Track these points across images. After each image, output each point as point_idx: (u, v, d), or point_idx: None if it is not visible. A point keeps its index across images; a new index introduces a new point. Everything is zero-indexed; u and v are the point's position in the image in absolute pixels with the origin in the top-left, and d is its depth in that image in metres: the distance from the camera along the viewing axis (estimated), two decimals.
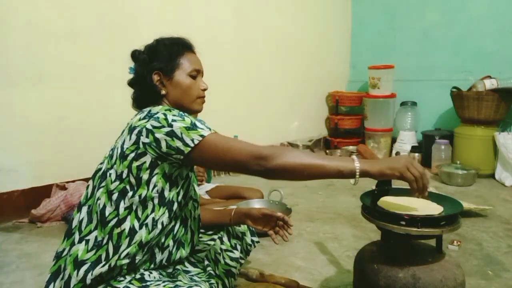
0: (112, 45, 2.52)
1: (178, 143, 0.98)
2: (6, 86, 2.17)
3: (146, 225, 1.02)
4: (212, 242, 1.32)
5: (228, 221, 1.34)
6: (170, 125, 0.99)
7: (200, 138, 0.98)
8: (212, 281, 1.25)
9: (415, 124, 3.87)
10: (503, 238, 2.03)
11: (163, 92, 1.13)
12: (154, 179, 1.02)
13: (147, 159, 1.01)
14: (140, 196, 1.02)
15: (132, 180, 1.01)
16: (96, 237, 1.03)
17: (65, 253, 1.04)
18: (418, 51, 4.04)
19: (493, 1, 3.56)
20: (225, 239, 1.35)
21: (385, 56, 4.16)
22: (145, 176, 1.01)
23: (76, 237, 1.05)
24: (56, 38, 2.30)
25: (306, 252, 1.87)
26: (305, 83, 4.12)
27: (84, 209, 1.07)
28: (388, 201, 1.20)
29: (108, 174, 1.04)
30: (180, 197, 1.09)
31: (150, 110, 1.04)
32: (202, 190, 2.13)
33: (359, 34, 4.55)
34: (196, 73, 1.17)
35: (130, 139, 1.02)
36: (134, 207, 1.02)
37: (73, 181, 2.36)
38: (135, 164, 1.01)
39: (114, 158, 1.04)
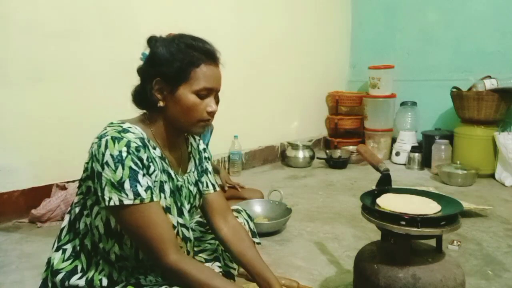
0: (112, 45, 2.52)
1: (99, 192, 0.89)
2: (6, 85, 2.17)
3: (103, 249, 0.98)
4: (213, 241, 1.29)
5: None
6: (102, 167, 0.88)
7: (117, 203, 0.87)
8: None
9: (415, 124, 3.87)
10: (503, 238, 2.03)
11: (161, 104, 0.97)
12: (97, 207, 0.96)
13: (91, 184, 0.94)
14: (90, 218, 0.98)
15: (85, 200, 0.98)
16: (74, 247, 1.00)
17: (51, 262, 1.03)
18: (418, 51, 4.04)
19: (493, 1, 3.56)
20: None
21: (385, 56, 4.16)
22: (89, 201, 0.96)
23: (55, 244, 1.03)
24: (56, 38, 2.30)
25: (306, 252, 1.87)
26: (305, 83, 4.12)
27: (67, 218, 1.04)
28: (386, 200, 1.20)
29: (78, 185, 1.01)
30: None
31: (105, 131, 0.94)
32: None
33: (359, 34, 4.55)
34: (206, 93, 0.97)
35: (88, 157, 0.95)
36: (88, 228, 0.99)
37: (73, 181, 2.36)
38: (84, 184, 0.97)
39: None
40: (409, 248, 1.14)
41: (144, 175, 0.91)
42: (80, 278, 0.98)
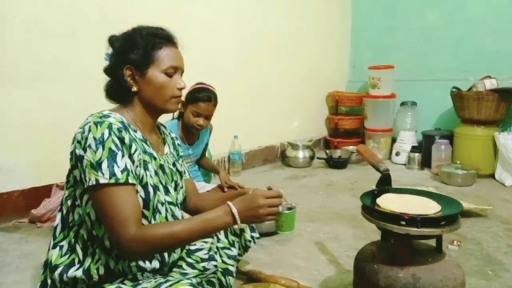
0: None
1: (82, 174, 0.94)
2: (6, 85, 2.17)
3: (97, 236, 1.00)
4: (209, 239, 1.31)
5: None
6: (84, 150, 0.93)
7: (94, 183, 0.91)
8: (213, 280, 1.24)
9: (415, 124, 3.87)
10: (503, 238, 2.03)
11: (134, 89, 1.05)
12: (87, 195, 0.98)
13: (77, 173, 0.98)
14: (78, 212, 1.01)
15: (74, 191, 1.01)
16: (69, 242, 1.03)
17: (49, 260, 1.05)
18: (418, 51, 4.04)
19: (493, 1, 3.57)
20: (221, 236, 1.34)
21: (385, 56, 4.16)
22: (78, 190, 1.00)
23: (51, 243, 1.05)
24: (56, 38, 2.30)
25: (306, 252, 1.87)
26: (305, 83, 4.12)
27: (59, 215, 1.06)
28: (386, 200, 1.20)
29: (67, 180, 1.04)
30: None
31: (87, 120, 0.98)
32: (202, 190, 2.13)
33: (359, 34, 4.55)
34: (173, 71, 1.07)
35: (72, 144, 0.99)
36: (82, 218, 1.01)
37: None
38: (72, 175, 1.00)
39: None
40: (409, 248, 1.14)
41: (123, 156, 0.95)
42: (77, 269, 1.00)
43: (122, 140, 0.96)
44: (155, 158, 1.07)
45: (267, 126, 3.75)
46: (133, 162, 0.98)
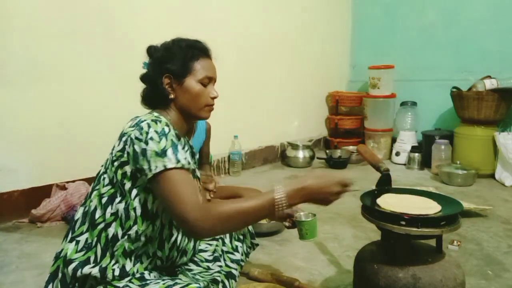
0: (112, 45, 2.52)
1: (145, 165, 0.96)
2: (6, 85, 2.17)
3: (129, 236, 1.02)
4: (214, 242, 1.32)
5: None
6: (146, 142, 0.97)
7: (162, 168, 0.95)
8: (218, 278, 1.24)
9: (415, 124, 3.87)
10: (503, 238, 2.03)
11: (172, 96, 1.12)
12: (136, 190, 1.02)
13: (128, 169, 1.01)
14: (125, 203, 1.02)
15: (121, 186, 1.02)
16: (86, 239, 1.04)
17: (62, 253, 1.05)
18: (418, 51, 4.03)
19: (493, 1, 3.56)
20: (226, 240, 1.35)
21: (385, 56, 4.15)
22: (127, 184, 1.02)
23: (69, 235, 1.07)
24: (56, 38, 2.30)
25: (306, 252, 1.87)
26: (305, 83, 4.12)
27: (81, 210, 1.08)
28: (386, 200, 1.20)
29: (102, 178, 1.06)
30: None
31: (140, 119, 1.04)
32: None
33: (359, 34, 4.55)
34: (208, 81, 1.14)
35: (118, 145, 1.03)
36: (119, 214, 1.02)
37: (73, 181, 2.36)
38: (119, 171, 1.02)
39: (108, 162, 1.06)
40: (409, 248, 1.14)
41: (182, 148, 1.02)
42: (93, 267, 1.01)
43: (178, 136, 1.07)
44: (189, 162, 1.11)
45: (267, 126, 3.75)
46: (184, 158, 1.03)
